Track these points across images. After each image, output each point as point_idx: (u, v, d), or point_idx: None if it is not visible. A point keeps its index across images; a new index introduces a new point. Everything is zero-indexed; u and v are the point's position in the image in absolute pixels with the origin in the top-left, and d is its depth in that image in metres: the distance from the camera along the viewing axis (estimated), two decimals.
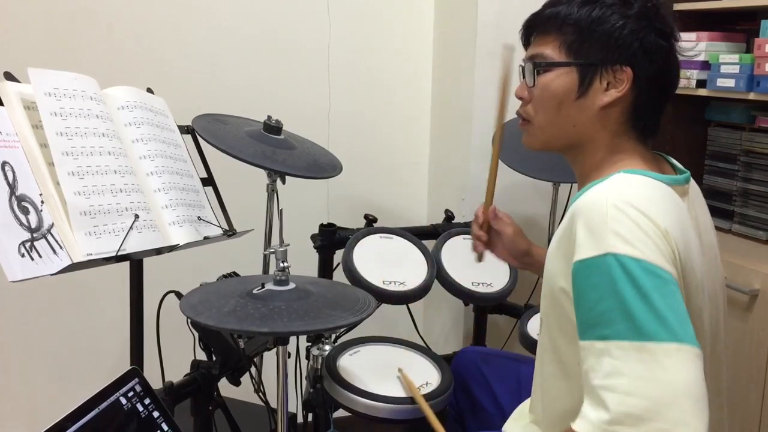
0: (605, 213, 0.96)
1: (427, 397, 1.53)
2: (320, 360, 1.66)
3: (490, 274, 1.91)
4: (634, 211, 0.95)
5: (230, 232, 1.62)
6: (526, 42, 1.19)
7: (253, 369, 1.69)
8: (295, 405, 1.83)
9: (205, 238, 1.55)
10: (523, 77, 1.17)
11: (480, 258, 1.50)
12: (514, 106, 1.25)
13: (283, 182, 1.83)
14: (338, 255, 1.93)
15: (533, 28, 1.17)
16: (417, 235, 1.98)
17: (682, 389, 0.87)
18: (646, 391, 0.87)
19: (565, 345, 1.07)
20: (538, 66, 1.13)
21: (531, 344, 1.76)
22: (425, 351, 1.79)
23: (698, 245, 1.06)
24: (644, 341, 0.89)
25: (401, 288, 1.77)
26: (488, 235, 1.48)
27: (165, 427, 1.22)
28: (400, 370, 1.63)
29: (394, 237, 1.94)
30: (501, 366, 1.65)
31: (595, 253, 0.95)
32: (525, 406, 1.30)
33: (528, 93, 1.16)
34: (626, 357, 0.89)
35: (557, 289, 1.04)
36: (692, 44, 2.01)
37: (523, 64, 1.17)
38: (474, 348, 1.76)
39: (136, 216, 1.39)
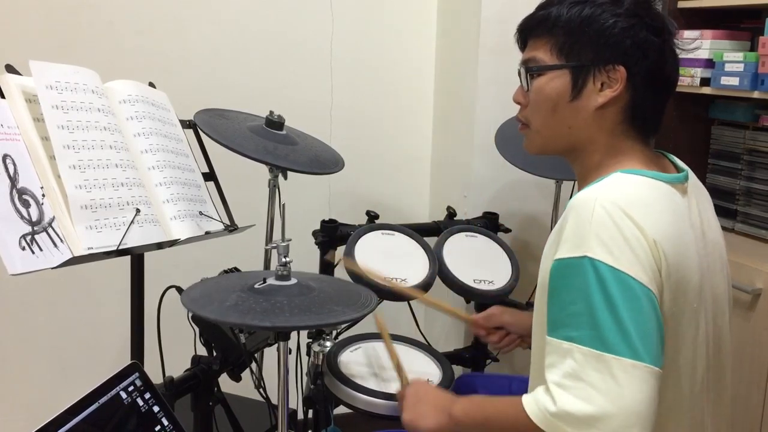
0: (591, 213, 0.96)
1: None
2: (321, 356, 1.66)
3: (491, 272, 1.91)
4: (621, 215, 0.95)
5: (231, 227, 1.62)
6: (523, 45, 1.18)
7: (253, 365, 1.68)
8: (295, 401, 1.83)
9: (207, 233, 1.55)
10: (521, 82, 1.17)
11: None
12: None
13: (285, 178, 1.83)
14: (340, 251, 1.92)
15: (527, 32, 1.16)
16: (419, 231, 1.97)
17: (629, 405, 0.89)
18: (595, 400, 0.90)
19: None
20: (531, 70, 1.13)
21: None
22: (426, 348, 1.79)
23: (697, 246, 1.05)
24: (604, 352, 0.91)
25: (403, 284, 1.77)
26: (501, 332, 1.51)
27: (165, 421, 1.21)
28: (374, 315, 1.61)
29: (396, 233, 1.93)
30: (494, 384, 1.65)
31: (574, 254, 0.96)
32: None
33: (524, 98, 1.16)
34: (586, 363, 0.92)
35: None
36: (695, 42, 2.00)
37: (519, 69, 1.17)
38: (471, 375, 1.78)
39: (138, 210, 1.39)
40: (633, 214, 0.95)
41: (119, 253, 1.34)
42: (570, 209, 1.00)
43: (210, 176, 1.68)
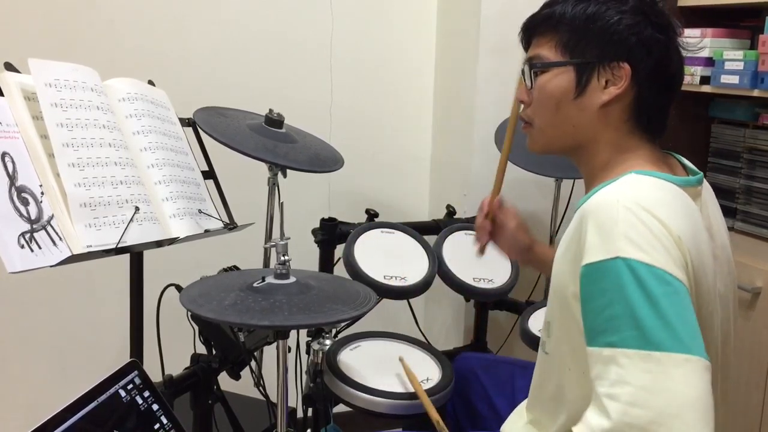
0: (616, 215, 0.93)
1: (428, 393, 1.53)
2: (320, 354, 1.66)
3: (491, 270, 1.91)
4: (646, 214, 0.93)
5: (231, 226, 1.62)
6: (527, 45, 1.17)
7: (253, 363, 1.68)
8: (295, 399, 1.83)
9: (206, 231, 1.54)
10: (524, 80, 1.16)
11: (482, 251, 1.47)
12: None
13: (285, 176, 1.83)
14: (339, 249, 1.92)
15: (531, 30, 1.15)
16: (418, 230, 1.97)
17: (688, 402, 0.85)
18: (650, 402, 0.85)
19: (568, 351, 1.05)
20: (535, 67, 1.12)
21: (532, 340, 1.75)
22: (426, 346, 1.79)
23: (710, 248, 1.04)
24: (651, 350, 0.87)
25: (402, 283, 1.77)
26: (492, 227, 1.46)
27: (164, 420, 1.21)
28: (401, 359, 1.62)
29: (396, 232, 1.94)
30: (498, 374, 1.64)
31: (604, 256, 0.92)
32: (523, 406, 1.29)
33: (528, 96, 1.15)
34: (632, 366, 0.87)
35: (569, 294, 1.01)
36: (696, 40, 2.00)
37: (523, 67, 1.16)
38: (472, 354, 1.76)
39: (137, 208, 1.39)
40: (657, 213, 0.94)
41: (118, 251, 1.34)
42: (587, 214, 0.97)
43: (209, 174, 1.68)
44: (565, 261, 1.03)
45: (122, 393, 1.17)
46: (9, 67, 1.33)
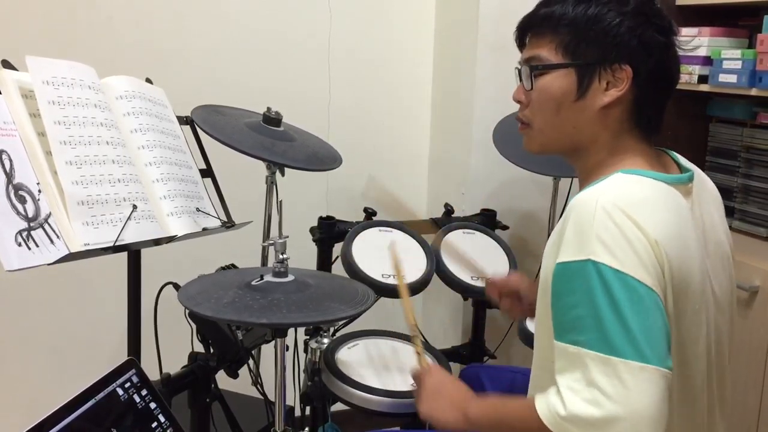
0: (593, 215, 0.95)
1: None
2: (318, 353, 1.66)
3: (489, 269, 1.90)
4: (622, 216, 0.94)
5: (229, 224, 1.61)
6: (521, 43, 1.16)
7: (251, 361, 1.68)
8: (292, 398, 1.83)
9: (204, 229, 1.54)
10: (520, 80, 1.15)
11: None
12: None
13: (283, 174, 1.82)
14: (337, 248, 1.92)
15: (528, 29, 1.14)
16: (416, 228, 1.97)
17: (637, 409, 0.89)
18: (603, 404, 0.90)
19: (550, 346, 1.06)
20: (535, 69, 1.11)
21: (529, 339, 1.74)
22: (424, 345, 1.78)
23: (699, 246, 1.04)
24: (610, 355, 0.90)
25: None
26: (514, 298, 1.48)
27: (162, 418, 1.21)
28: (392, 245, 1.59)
29: (394, 230, 1.93)
30: (499, 378, 1.65)
31: (576, 257, 0.95)
32: None
33: (525, 96, 1.14)
34: (594, 367, 0.91)
35: (550, 289, 1.02)
36: (694, 39, 2.00)
37: (519, 67, 1.15)
38: (477, 366, 1.78)
39: (134, 206, 1.38)
40: (634, 215, 0.95)
41: (116, 249, 1.34)
42: (570, 210, 0.99)
43: (207, 173, 1.68)
44: (552, 254, 1.04)
45: (120, 391, 1.16)
46: (6, 64, 1.33)
